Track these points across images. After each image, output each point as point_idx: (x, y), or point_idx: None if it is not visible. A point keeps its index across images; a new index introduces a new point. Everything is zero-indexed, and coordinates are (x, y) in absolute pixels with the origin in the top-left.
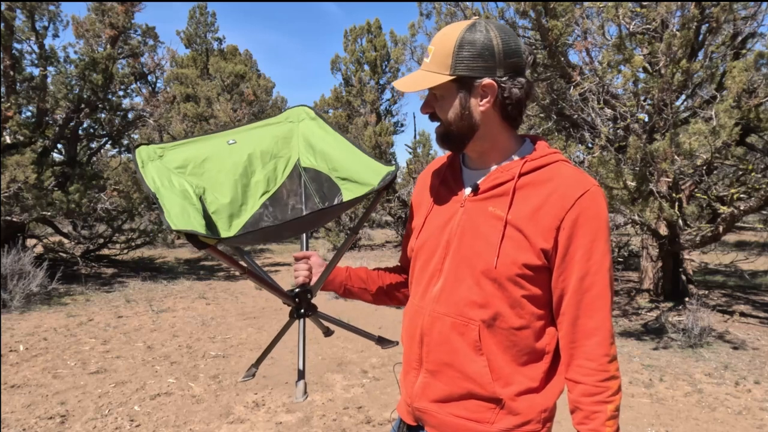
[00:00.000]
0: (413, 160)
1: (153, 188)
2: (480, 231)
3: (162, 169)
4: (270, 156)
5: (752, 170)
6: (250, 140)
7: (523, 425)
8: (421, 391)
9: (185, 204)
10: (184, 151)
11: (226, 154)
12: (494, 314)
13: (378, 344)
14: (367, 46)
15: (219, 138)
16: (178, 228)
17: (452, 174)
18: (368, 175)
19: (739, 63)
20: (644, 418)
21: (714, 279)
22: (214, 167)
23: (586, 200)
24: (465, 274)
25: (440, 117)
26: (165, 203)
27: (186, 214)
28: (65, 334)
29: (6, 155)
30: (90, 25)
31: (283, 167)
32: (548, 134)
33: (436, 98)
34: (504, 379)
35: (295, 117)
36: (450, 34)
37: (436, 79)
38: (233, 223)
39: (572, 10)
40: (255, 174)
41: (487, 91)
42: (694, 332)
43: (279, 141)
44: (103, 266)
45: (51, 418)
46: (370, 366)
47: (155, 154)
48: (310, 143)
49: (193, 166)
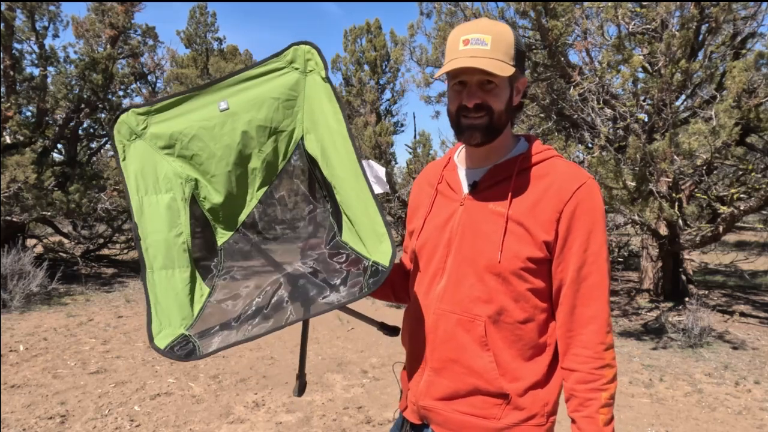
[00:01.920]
0: (413, 160)
1: (135, 207)
2: (481, 228)
3: (146, 155)
4: (268, 132)
5: (752, 170)
6: (245, 105)
7: (528, 419)
8: (426, 390)
9: (167, 274)
10: (171, 121)
11: (218, 129)
12: (499, 309)
13: (380, 330)
14: (367, 46)
15: (210, 96)
16: (160, 348)
17: (450, 174)
18: (367, 230)
19: (739, 63)
20: (644, 418)
21: (714, 279)
22: (205, 150)
23: (582, 193)
24: (468, 271)
25: (493, 107)
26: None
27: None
28: (65, 334)
29: (6, 155)
30: (90, 25)
31: (284, 148)
32: (548, 134)
33: (482, 88)
34: (510, 374)
35: (302, 62)
36: (501, 26)
37: (508, 68)
38: (229, 223)
39: (572, 10)
40: (251, 159)
41: (521, 88)
42: (694, 332)
43: (280, 107)
44: (103, 266)
45: (51, 418)
46: (370, 366)
47: (137, 126)
48: (314, 120)
49: (181, 146)
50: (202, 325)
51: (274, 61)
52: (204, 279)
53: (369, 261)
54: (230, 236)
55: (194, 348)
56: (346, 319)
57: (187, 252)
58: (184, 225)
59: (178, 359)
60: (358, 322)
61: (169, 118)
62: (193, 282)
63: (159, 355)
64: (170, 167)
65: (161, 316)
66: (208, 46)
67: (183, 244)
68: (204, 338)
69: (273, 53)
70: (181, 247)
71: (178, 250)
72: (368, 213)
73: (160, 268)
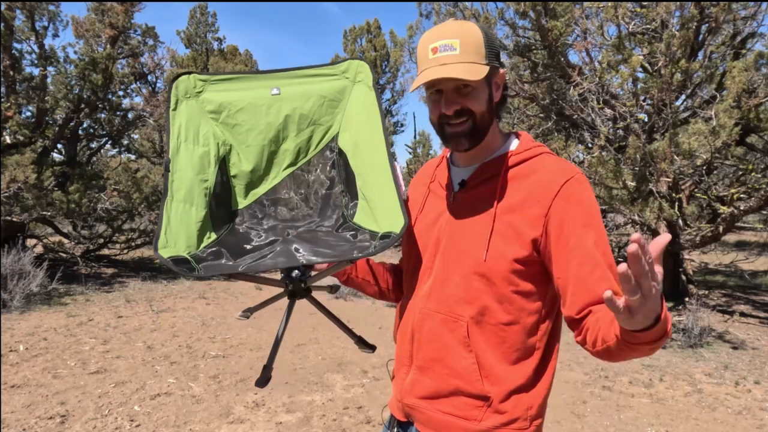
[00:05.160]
0: (413, 160)
1: (173, 147)
2: (468, 227)
3: (194, 112)
4: (309, 122)
5: (752, 170)
6: (294, 95)
7: (509, 423)
8: (410, 388)
9: (185, 207)
10: (225, 92)
11: (265, 108)
12: (481, 309)
13: (357, 344)
14: (367, 46)
15: (265, 81)
16: (163, 256)
17: (440, 173)
18: (383, 210)
19: (739, 63)
20: (644, 418)
21: (714, 279)
22: (248, 122)
23: (570, 186)
24: (454, 270)
25: (474, 110)
26: (165, 214)
27: (182, 223)
28: (65, 334)
29: (6, 155)
30: (90, 25)
31: (319, 138)
32: (548, 134)
33: (460, 92)
34: (493, 376)
35: (353, 73)
36: (468, 26)
37: (482, 69)
38: (250, 192)
39: (572, 11)
40: (286, 141)
41: (500, 81)
42: (694, 332)
43: (325, 104)
44: (103, 266)
45: (51, 418)
46: (370, 366)
47: (193, 88)
48: (353, 120)
49: (227, 114)
50: (201, 256)
51: (329, 68)
52: (214, 228)
53: (378, 233)
54: (246, 205)
55: (194, 269)
56: (347, 319)
57: (207, 197)
58: (210, 175)
59: (178, 271)
60: (358, 323)
61: (223, 90)
62: (206, 224)
63: (160, 261)
64: (211, 129)
65: (169, 236)
66: (208, 46)
67: (206, 189)
68: (202, 263)
69: (327, 62)
70: (203, 190)
71: (200, 192)
72: (388, 195)
73: (180, 201)
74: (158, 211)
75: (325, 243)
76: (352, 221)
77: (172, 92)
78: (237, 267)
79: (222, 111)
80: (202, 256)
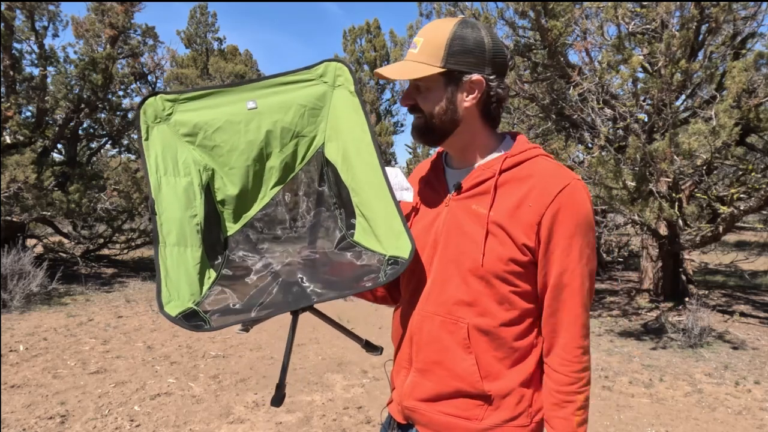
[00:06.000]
0: (413, 160)
1: (154, 184)
2: (465, 230)
3: (168, 139)
4: (291, 135)
5: (752, 170)
6: (272, 107)
7: (511, 420)
8: (410, 390)
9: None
10: (197, 111)
11: (243, 125)
12: (482, 312)
13: (364, 348)
14: (367, 46)
15: (239, 95)
16: (171, 315)
17: (435, 175)
18: (384, 229)
19: (738, 63)
20: (644, 418)
21: (714, 279)
22: (227, 143)
23: (565, 196)
24: (452, 273)
25: (423, 109)
26: (162, 264)
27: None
28: (65, 334)
29: (6, 155)
30: (90, 25)
31: (304, 151)
32: (548, 134)
33: (418, 90)
34: (493, 376)
35: (331, 77)
36: (441, 27)
37: (426, 69)
38: (240, 216)
39: (571, 10)
40: (271, 158)
41: (474, 87)
42: (694, 332)
43: (306, 114)
44: (103, 266)
45: (51, 418)
46: (370, 366)
47: (162, 111)
48: (338, 129)
49: (204, 135)
50: (209, 305)
51: (304, 73)
52: (211, 265)
53: (385, 255)
54: (237, 229)
55: (204, 321)
56: (347, 319)
57: (200, 233)
58: (198, 208)
59: (188, 328)
60: (359, 323)
61: (195, 109)
62: (203, 263)
63: (168, 321)
64: (190, 155)
65: (170, 288)
66: (208, 46)
67: (197, 225)
68: (212, 315)
69: (304, 66)
70: (194, 227)
71: (192, 230)
72: (387, 212)
73: (173, 244)
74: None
75: (330, 268)
76: (351, 239)
77: (141, 119)
78: (249, 313)
79: (197, 133)
80: (208, 308)
